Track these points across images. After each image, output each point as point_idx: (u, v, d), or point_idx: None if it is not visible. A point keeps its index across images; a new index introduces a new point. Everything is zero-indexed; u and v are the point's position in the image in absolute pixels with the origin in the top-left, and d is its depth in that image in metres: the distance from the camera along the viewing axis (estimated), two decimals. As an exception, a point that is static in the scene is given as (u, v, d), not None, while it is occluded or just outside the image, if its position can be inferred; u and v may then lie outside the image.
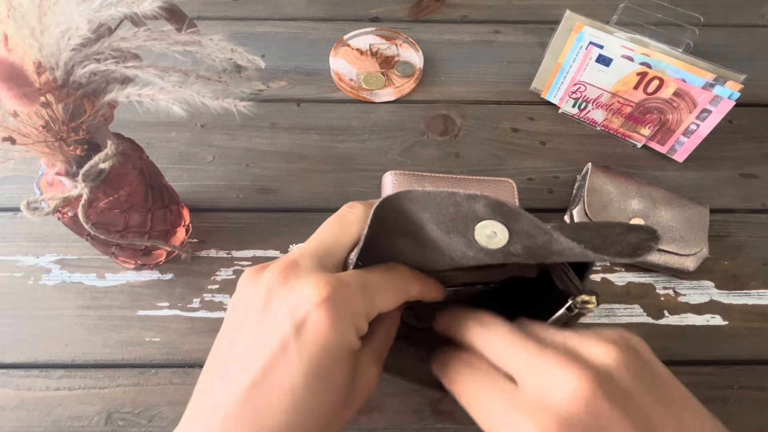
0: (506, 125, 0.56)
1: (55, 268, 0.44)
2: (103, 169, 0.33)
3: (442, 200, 0.23)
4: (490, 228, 0.22)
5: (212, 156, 0.52)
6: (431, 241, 0.24)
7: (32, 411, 0.38)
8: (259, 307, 0.23)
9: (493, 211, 0.22)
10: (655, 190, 0.47)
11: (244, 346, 0.23)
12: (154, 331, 0.42)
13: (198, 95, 0.30)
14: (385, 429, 0.38)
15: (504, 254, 0.23)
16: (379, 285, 0.25)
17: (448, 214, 0.23)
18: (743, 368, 0.41)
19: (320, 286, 0.23)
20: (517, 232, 0.22)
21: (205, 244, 0.46)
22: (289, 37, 0.62)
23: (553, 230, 0.21)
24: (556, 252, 0.22)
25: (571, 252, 0.22)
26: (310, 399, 0.22)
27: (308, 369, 0.22)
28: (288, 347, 0.22)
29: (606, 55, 0.50)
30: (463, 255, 0.24)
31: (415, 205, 0.23)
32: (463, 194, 0.22)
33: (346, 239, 0.26)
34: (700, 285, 0.45)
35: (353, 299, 0.23)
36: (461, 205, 0.22)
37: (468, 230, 0.23)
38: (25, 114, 0.30)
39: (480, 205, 0.22)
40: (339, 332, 0.22)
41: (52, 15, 0.28)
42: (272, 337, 0.22)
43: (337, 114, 0.56)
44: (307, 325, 0.22)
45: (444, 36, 0.63)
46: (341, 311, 0.22)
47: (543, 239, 0.22)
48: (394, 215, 0.24)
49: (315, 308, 0.22)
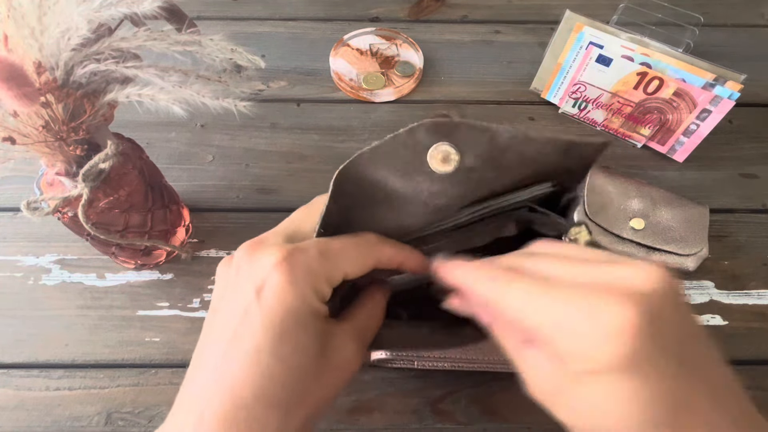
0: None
1: (55, 268, 0.44)
2: (103, 169, 0.33)
3: (389, 146, 0.23)
4: (439, 152, 0.23)
5: (212, 156, 0.52)
6: (398, 194, 0.25)
7: (32, 411, 0.38)
8: (231, 286, 0.24)
9: (435, 134, 0.23)
10: (655, 190, 0.47)
11: (218, 323, 0.24)
12: (154, 331, 0.42)
13: (198, 95, 0.30)
14: (385, 429, 0.38)
15: (464, 173, 0.23)
16: (340, 248, 0.25)
17: (401, 157, 0.23)
18: (743, 368, 0.41)
19: (277, 251, 0.23)
20: (462, 144, 0.23)
21: (205, 244, 0.46)
22: (289, 37, 0.62)
23: (490, 125, 0.22)
24: (505, 146, 0.23)
25: (515, 141, 0.23)
26: (277, 364, 0.22)
27: (270, 329, 0.22)
28: (250, 311, 0.22)
29: (606, 55, 0.50)
30: (430, 192, 0.24)
31: (371, 165, 0.24)
32: (403, 131, 0.22)
33: (314, 219, 0.27)
34: (700, 285, 0.45)
35: (311, 261, 0.23)
36: (406, 142, 0.23)
37: (423, 164, 0.23)
38: (25, 114, 0.30)
39: (421, 134, 0.23)
40: (297, 292, 0.22)
41: (52, 15, 0.28)
42: (238, 305, 0.23)
43: (337, 114, 0.56)
44: (265, 288, 0.22)
45: (444, 36, 0.63)
46: (297, 272, 0.23)
47: (485, 138, 0.23)
48: (356, 184, 0.25)
49: (272, 270, 0.23)
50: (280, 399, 0.22)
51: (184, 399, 0.23)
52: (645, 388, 0.19)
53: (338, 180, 0.24)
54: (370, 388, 0.40)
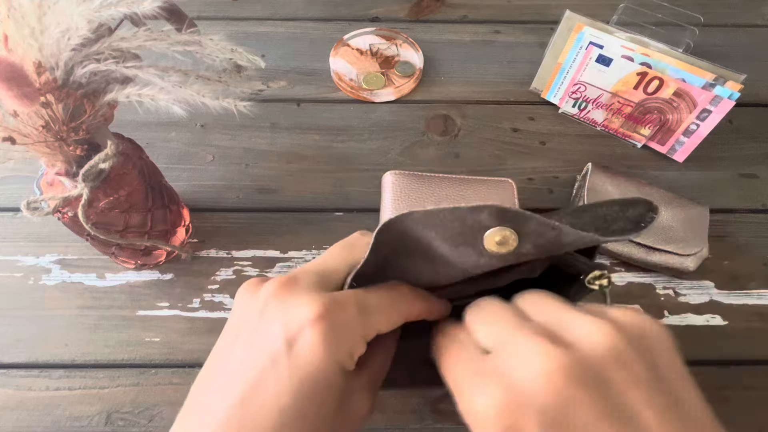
0: (506, 125, 0.56)
1: (55, 268, 0.44)
2: (103, 169, 0.33)
3: (446, 217, 0.22)
4: (498, 234, 0.22)
5: (212, 156, 0.52)
6: (441, 257, 0.24)
7: (32, 411, 0.38)
8: (254, 320, 0.23)
9: (499, 219, 0.22)
10: (655, 190, 0.47)
11: (237, 358, 0.23)
12: (154, 331, 0.42)
13: (198, 95, 0.30)
14: (385, 429, 0.38)
15: (516, 256, 0.23)
16: (377, 305, 0.24)
17: (454, 228, 0.23)
18: (743, 368, 0.41)
19: (315, 303, 0.22)
20: (526, 233, 0.22)
21: (205, 244, 0.46)
22: (289, 37, 0.62)
23: (561, 225, 0.21)
24: (566, 243, 0.22)
25: (581, 240, 0.22)
26: (298, 422, 0.21)
27: (299, 390, 0.21)
28: (278, 363, 0.21)
29: (606, 55, 0.50)
30: (476, 264, 0.24)
31: (419, 225, 0.23)
32: (465, 208, 0.22)
33: (351, 262, 0.26)
34: (700, 285, 0.45)
35: (349, 320, 0.22)
36: (466, 218, 0.22)
37: (477, 241, 0.23)
38: (25, 114, 0.30)
39: (485, 216, 0.22)
40: (332, 353, 0.21)
41: (52, 15, 0.28)
42: (264, 351, 0.22)
43: (337, 114, 0.56)
44: (299, 343, 0.21)
45: (444, 36, 0.63)
46: (336, 332, 0.22)
47: (552, 234, 0.22)
48: (398, 237, 0.24)
49: (308, 326, 0.21)
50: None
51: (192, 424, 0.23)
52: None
53: (381, 233, 0.23)
54: (370, 388, 0.40)
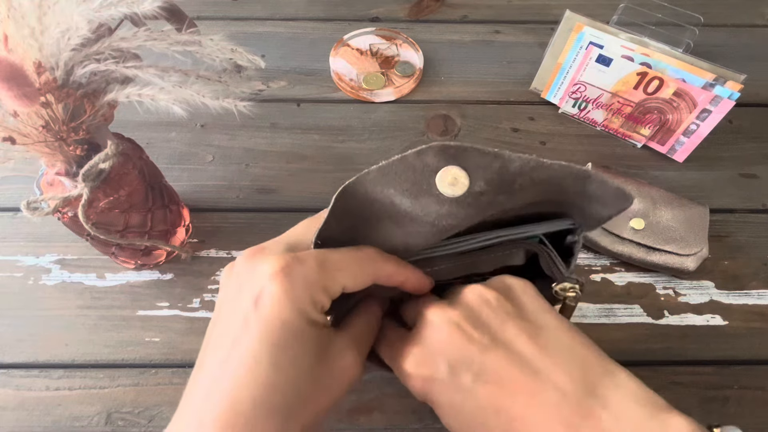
0: (506, 125, 0.56)
1: (55, 268, 0.44)
2: (103, 169, 0.33)
3: (397, 168, 0.23)
4: (448, 175, 0.23)
5: (212, 156, 0.52)
6: (406, 214, 0.25)
7: (32, 411, 0.38)
8: (231, 295, 0.25)
9: (443, 158, 0.22)
10: (655, 190, 0.47)
11: (218, 330, 0.24)
12: (154, 331, 0.42)
13: (198, 95, 0.30)
14: (384, 429, 0.38)
15: (473, 197, 0.23)
16: (339, 260, 0.25)
17: (407, 178, 0.23)
18: (743, 368, 0.41)
19: (276, 260, 0.23)
20: (471, 168, 0.23)
21: (205, 244, 0.46)
22: (289, 37, 0.62)
23: (502, 152, 0.22)
24: (517, 173, 0.23)
25: (527, 166, 0.23)
26: (274, 373, 0.22)
27: (268, 339, 0.22)
28: (249, 321, 0.23)
29: (606, 55, 0.50)
30: (438, 214, 0.24)
31: (378, 185, 0.24)
32: (412, 152, 0.22)
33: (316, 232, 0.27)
34: (700, 285, 0.45)
35: (308, 272, 0.24)
36: (415, 164, 0.23)
37: (431, 186, 0.23)
38: (25, 114, 0.30)
39: (430, 157, 0.22)
40: (293, 303, 0.23)
41: (52, 15, 0.28)
42: (238, 316, 0.23)
43: (337, 114, 0.56)
44: (263, 298, 0.23)
45: (444, 36, 0.63)
46: (294, 282, 0.23)
47: (496, 165, 0.23)
48: (361, 202, 0.24)
49: (269, 280, 0.23)
50: (278, 406, 0.22)
51: (185, 405, 0.23)
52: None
53: (340, 197, 0.24)
54: (370, 388, 0.40)
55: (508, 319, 0.25)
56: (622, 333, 0.43)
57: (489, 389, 0.23)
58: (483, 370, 0.24)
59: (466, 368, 0.24)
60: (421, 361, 0.25)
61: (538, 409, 0.23)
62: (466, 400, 0.24)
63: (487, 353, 0.24)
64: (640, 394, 0.23)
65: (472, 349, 0.24)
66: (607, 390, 0.23)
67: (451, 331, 0.25)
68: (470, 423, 0.24)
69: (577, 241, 0.28)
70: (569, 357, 0.24)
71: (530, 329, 0.25)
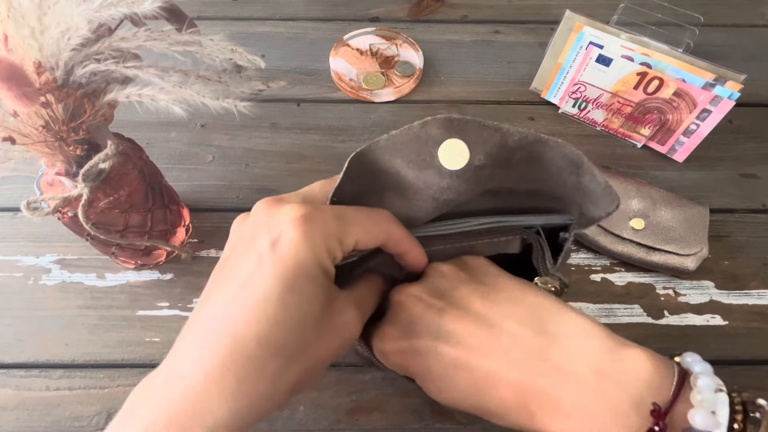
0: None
1: (55, 268, 0.44)
2: (103, 169, 0.33)
3: (404, 136, 0.24)
4: (449, 148, 0.23)
5: (212, 156, 0.52)
6: (410, 186, 0.26)
7: (32, 411, 0.38)
8: (246, 236, 0.25)
9: (447, 130, 0.23)
10: (655, 190, 0.47)
11: (229, 269, 0.24)
12: (154, 331, 0.42)
13: (198, 95, 0.30)
14: (385, 429, 0.38)
15: (473, 171, 0.24)
16: (356, 215, 0.26)
17: (414, 149, 0.24)
18: (743, 368, 0.41)
19: (297, 207, 0.24)
20: (472, 141, 0.23)
21: (205, 244, 0.46)
22: (289, 37, 0.62)
23: (501, 125, 0.23)
24: (516, 146, 0.24)
25: (525, 140, 0.23)
26: (282, 311, 0.22)
27: (281, 278, 0.23)
28: (264, 261, 0.23)
29: (606, 55, 0.50)
30: (440, 187, 0.25)
31: (386, 153, 0.25)
32: (417, 123, 0.23)
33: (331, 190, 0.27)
34: (700, 285, 0.45)
35: (327, 220, 0.24)
36: (419, 135, 0.24)
37: (434, 158, 0.24)
38: (25, 114, 0.30)
39: (434, 129, 0.23)
40: (311, 248, 0.23)
41: (52, 15, 0.28)
42: (252, 255, 0.24)
43: (337, 114, 0.56)
44: (281, 240, 0.23)
45: (444, 36, 0.63)
46: (314, 229, 0.24)
47: (496, 138, 0.23)
48: (371, 169, 0.25)
49: (289, 224, 0.23)
50: (281, 346, 0.22)
51: (187, 334, 0.24)
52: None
53: (352, 162, 0.25)
54: (370, 388, 0.40)
55: (461, 285, 0.27)
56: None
57: (450, 348, 0.25)
58: (442, 332, 0.25)
59: (428, 333, 0.26)
60: (394, 337, 0.27)
61: (493, 357, 0.24)
62: (435, 364, 0.25)
63: (444, 315, 0.26)
64: (591, 329, 0.24)
65: (431, 314, 0.26)
66: (558, 327, 0.24)
67: (414, 303, 0.27)
68: (443, 385, 0.26)
69: (568, 238, 0.28)
70: (521, 306, 0.25)
71: (483, 289, 0.27)
